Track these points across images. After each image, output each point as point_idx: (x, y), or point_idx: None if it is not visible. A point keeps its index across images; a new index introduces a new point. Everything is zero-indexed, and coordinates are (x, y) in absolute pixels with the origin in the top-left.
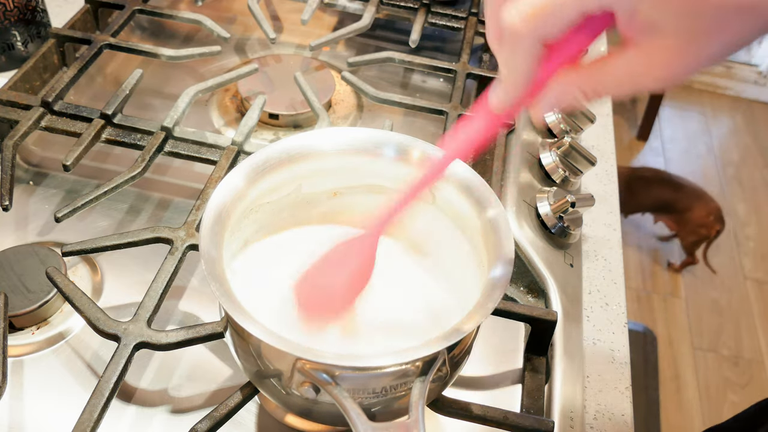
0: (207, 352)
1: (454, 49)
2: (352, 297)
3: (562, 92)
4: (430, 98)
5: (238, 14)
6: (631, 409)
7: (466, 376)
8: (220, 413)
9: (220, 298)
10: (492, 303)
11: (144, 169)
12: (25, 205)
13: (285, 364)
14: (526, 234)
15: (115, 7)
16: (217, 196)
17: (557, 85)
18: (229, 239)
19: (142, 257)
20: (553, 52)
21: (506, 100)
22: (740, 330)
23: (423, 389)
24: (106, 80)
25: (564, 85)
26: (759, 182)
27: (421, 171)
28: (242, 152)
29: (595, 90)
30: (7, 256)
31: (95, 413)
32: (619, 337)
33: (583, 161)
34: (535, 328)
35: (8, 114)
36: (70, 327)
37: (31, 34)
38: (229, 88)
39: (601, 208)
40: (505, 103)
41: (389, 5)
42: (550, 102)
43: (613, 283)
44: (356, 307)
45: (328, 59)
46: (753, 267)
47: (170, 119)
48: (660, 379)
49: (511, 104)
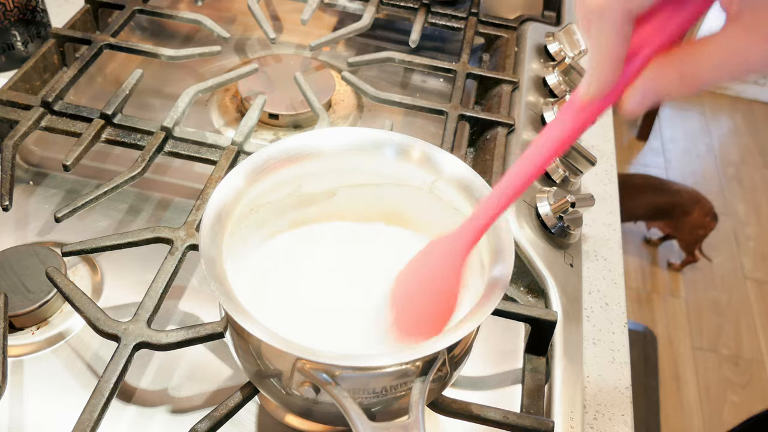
0: (207, 352)
1: (454, 49)
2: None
3: (657, 78)
4: (430, 98)
5: (238, 14)
6: (631, 409)
7: (466, 376)
8: (220, 413)
9: (220, 298)
10: (492, 303)
11: (144, 169)
12: (25, 205)
13: (285, 364)
14: (526, 234)
15: (115, 7)
16: (217, 196)
17: (652, 73)
18: (229, 239)
19: (142, 257)
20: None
21: (596, 87)
22: (740, 330)
23: (423, 389)
24: (106, 80)
25: (659, 73)
26: (759, 182)
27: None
28: (242, 152)
29: (695, 74)
30: (7, 256)
31: (95, 413)
32: (619, 337)
33: (583, 161)
34: (535, 328)
35: (8, 114)
36: (70, 327)
37: (31, 34)
38: (229, 88)
39: (601, 208)
40: (596, 91)
41: (389, 5)
42: (645, 92)
43: (613, 283)
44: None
45: (328, 59)
46: (753, 267)
47: (170, 119)
48: (660, 379)
49: (601, 92)
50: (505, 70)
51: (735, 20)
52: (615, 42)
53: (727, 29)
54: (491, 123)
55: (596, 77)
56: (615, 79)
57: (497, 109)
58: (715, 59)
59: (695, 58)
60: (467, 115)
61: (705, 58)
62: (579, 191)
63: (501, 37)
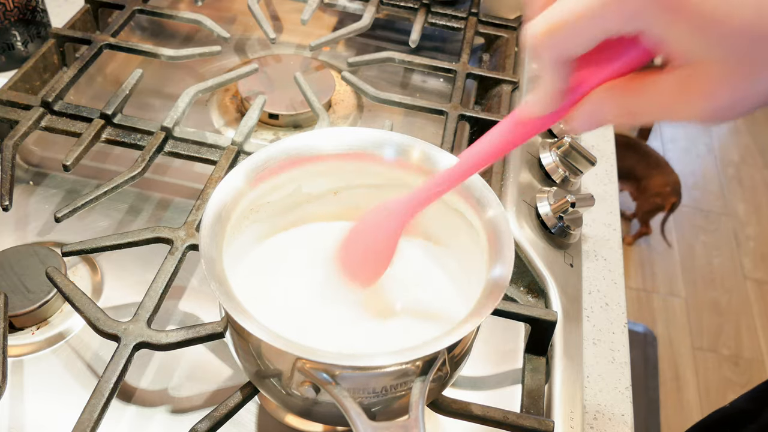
0: (207, 352)
1: (454, 49)
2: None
3: (601, 108)
4: (430, 98)
5: (238, 14)
6: (631, 409)
7: (466, 376)
8: (220, 413)
9: (220, 298)
10: (492, 303)
11: (144, 169)
12: (25, 205)
13: (285, 364)
14: (526, 234)
15: (115, 7)
16: (217, 196)
17: (597, 100)
18: (229, 239)
19: (142, 257)
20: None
21: (537, 109)
22: (740, 330)
23: (423, 389)
24: (106, 80)
25: (604, 101)
26: (759, 182)
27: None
28: (242, 152)
29: (634, 111)
30: (7, 256)
31: (95, 413)
32: (619, 337)
33: (583, 161)
34: (535, 328)
35: (8, 114)
36: (70, 327)
37: (31, 34)
38: (229, 88)
39: (601, 208)
40: (536, 112)
41: (389, 5)
42: (589, 116)
43: (613, 283)
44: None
45: (328, 59)
46: (753, 267)
47: (170, 119)
48: (660, 379)
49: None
50: (505, 70)
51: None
52: (551, 78)
53: (663, 78)
54: (491, 123)
55: (538, 101)
56: (554, 106)
57: (497, 109)
58: (654, 102)
59: (637, 95)
60: (467, 115)
61: (645, 98)
62: (579, 191)
63: (501, 37)
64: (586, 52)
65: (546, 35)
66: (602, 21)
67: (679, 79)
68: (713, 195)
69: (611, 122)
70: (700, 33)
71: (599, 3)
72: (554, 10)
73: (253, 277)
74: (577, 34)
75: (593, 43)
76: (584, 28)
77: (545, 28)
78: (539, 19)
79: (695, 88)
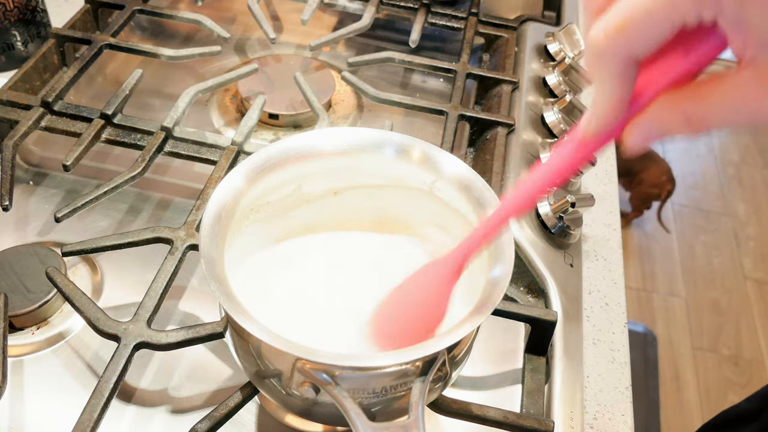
0: (207, 352)
1: (454, 49)
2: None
3: (661, 119)
4: (430, 98)
5: (238, 14)
6: (631, 409)
7: (466, 376)
8: (220, 413)
9: (220, 298)
10: (492, 303)
11: (144, 169)
12: (25, 205)
13: (285, 364)
14: (526, 234)
15: (115, 7)
16: (217, 196)
17: (657, 111)
18: (229, 239)
19: (142, 257)
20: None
21: (596, 126)
22: (740, 330)
23: (423, 389)
24: (106, 80)
25: (664, 111)
26: (759, 182)
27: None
28: (242, 152)
29: (703, 117)
30: (7, 256)
31: (95, 413)
32: (619, 337)
33: (586, 164)
34: (535, 328)
35: (8, 114)
36: (70, 327)
37: (31, 34)
38: (229, 88)
39: (601, 208)
40: (595, 129)
41: (389, 5)
42: (648, 129)
43: (613, 283)
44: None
45: (328, 59)
46: (753, 267)
47: (170, 119)
48: (660, 379)
49: (600, 131)
50: (505, 70)
51: (748, 66)
52: (616, 85)
53: (739, 74)
54: (491, 123)
55: (597, 116)
56: (616, 120)
57: (497, 109)
58: (724, 104)
59: (703, 101)
60: (467, 115)
61: (714, 101)
62: (579, 191)
63: (501, 37)
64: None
65: (616, 33)
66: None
67: (757, 74)
68: (713, 195)
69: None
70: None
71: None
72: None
73: (253, 277)
74: (651, 26)
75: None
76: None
77: (614, 26)
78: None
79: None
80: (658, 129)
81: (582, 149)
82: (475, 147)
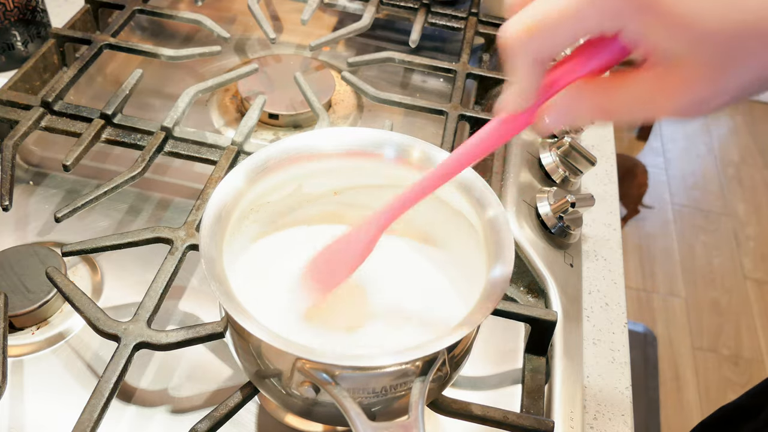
0: (207, 352)
1: (454, 49)
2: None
3: (573, 106)
4: (430, 98)
5: (238, 14)
6: (631, 409)
7: (466, 376)
8: (220, 413)
9: (220, 298)
10: (492, 303)
11: (144, 169)
12: (25, 205)
13: (285, 364)
14: (526, 234)
15: (115, 7)
16: (217, 196)
17: (569, 98)
18: (229, 239)
19: (142, 257)
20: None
21: (512, 106)
22: (740, 330)
23: (423, 389)
24: (106, 80)
25: (572, 100)
26: (759, 182)
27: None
28: (242, 152)
29: (608, 107)
30: (7, 256)
31: (95, 413)
32: (619, 337)
33: (583, 161)
34: (535, 328)
35: (8, 114)
36: (70, 327)
37: (31, 34)
38: (229, 88)
39: (601, 208)
40: (512, 109)
41: (389, 5)
42: (560, 113)
43: (613, 283)
44: (362, 298)
45: (328, 59)
46: (753, 267)
47: (170, 119)
48: (660, 379)
49: (516, 111)
50: (504, 70)
51: (649, 69)
52: (525, 77)
53: (641, 74)
54: None
55: (511, 100)
56: (527, 104)
57: None
58: (629, 98)
59: (611, 92)
60: (467, 115)
61: (619, 94)
62: (579, 191)
63: None
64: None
65: (524, 34)
66: (582, 21)
67: (656, 76)
68: (713, 195)
69: (584, 118)
70: (675, 33)
71: (579, 3)
72: (532, 10)
73: (253, 277)
74: (557, 33)
75: (570, 43)
76: (563, 27)
77: (524, 27)
78: (516, 18)
79: (672, 84)
80: (570, 114)
81: (504, 125)
82: None
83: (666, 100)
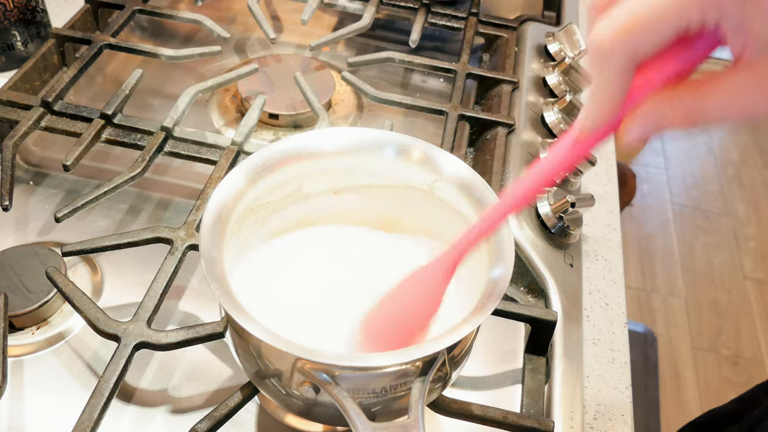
0: (207, 352)
1: (454, 49)
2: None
3: (657, 115)
4: (430, 98)
5: (238, 14)
6: (631, 409)
7: (466, 376)
8: (220, 413)
9: (220, 298)
10: (492, 303)
11: (144, 169)
12: (25, 205)
13: (285, 364)
14: (526, 234)
15: (115, 7)
16: (217, 196)
17: (653, 108)
18: (229, 239)
19: (142, 257)
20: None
21: (593, 122)
22: (740, 330)
23: (423, 389)
24: (106, 80)
25: (660, 108)
26: (759, 182)
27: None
28: (242, 152)
29: (697, 115)
30: (7, 256)
31: (95, 413)
32: (619, 337)
33: (583, 161)
34: (535, 328)
35: (8, 114)
36: (70, 327)
37: (31, 34)
38: (229, 88)
39: (601, 208)
40: (593, 125)
41: (389, 5)
42: (645, 124)
43: (613, 283)
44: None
45: (328, 59)
46: (753, 267)
47: (170, 119)
48: (660, 379)
49: (596, 128)
50: (505, 70)
51: (746, 67)
52: (616, 83)
53: (737, 72)
54: (491, 123)
55: (594, 113)
56: (612, 117)
57: (497, 109)
58: (722, 100)
59: (702, 96)
60: (467, 115)
61: (712, 96)
62: (579, 191)
63: (501, 37)
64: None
65: (624, 34)
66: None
67: (755, 73)
68: (713, 195)
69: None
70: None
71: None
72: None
73: (253, 277)
74: (657, 29)
75: (669, 40)
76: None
77: (622, 26)
78: (610, 19)
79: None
80: (656, 123)
81: (579, 146)
82: (475, 147)
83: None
